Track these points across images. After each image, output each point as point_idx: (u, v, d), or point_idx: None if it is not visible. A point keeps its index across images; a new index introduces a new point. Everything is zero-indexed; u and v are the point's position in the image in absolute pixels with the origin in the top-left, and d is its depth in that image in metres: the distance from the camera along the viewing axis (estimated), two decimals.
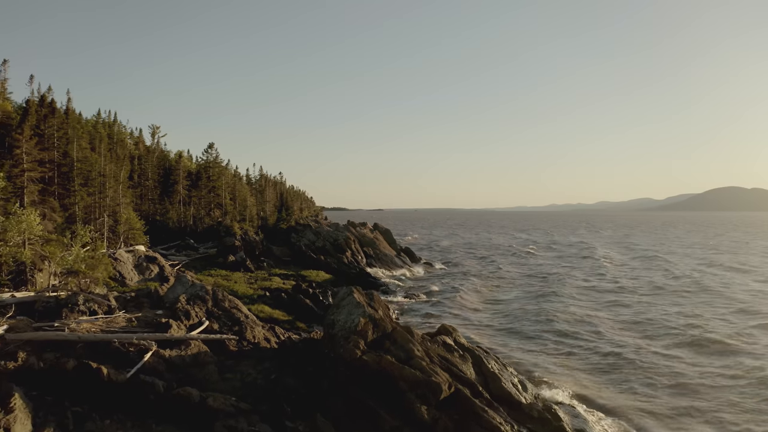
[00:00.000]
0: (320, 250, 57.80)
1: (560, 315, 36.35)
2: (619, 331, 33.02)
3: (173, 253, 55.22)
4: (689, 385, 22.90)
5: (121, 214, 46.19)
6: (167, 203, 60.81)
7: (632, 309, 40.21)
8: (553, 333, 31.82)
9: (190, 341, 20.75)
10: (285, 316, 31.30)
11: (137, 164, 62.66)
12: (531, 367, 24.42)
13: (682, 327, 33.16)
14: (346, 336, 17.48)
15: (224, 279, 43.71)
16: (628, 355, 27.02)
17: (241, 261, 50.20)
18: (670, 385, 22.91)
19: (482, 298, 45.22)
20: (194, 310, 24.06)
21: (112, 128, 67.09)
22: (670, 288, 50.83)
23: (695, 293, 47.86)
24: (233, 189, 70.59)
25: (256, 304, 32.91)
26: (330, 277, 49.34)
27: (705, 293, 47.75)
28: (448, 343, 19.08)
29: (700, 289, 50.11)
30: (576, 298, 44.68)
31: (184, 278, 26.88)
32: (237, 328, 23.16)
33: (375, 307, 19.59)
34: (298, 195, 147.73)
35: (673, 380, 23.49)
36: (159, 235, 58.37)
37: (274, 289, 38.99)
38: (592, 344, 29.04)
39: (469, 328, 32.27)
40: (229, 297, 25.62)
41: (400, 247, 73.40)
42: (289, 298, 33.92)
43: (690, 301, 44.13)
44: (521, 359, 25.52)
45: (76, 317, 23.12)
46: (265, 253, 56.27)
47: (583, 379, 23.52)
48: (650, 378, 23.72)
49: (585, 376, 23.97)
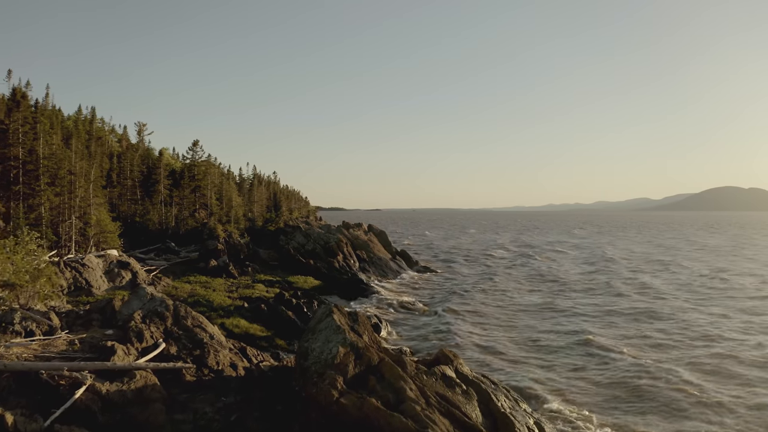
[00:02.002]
0: (310, 254, 54.21)
1: (574, 329, 32.80)
2: (642, 347, 29.55)
3: (152, 257, 51.60)
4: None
5: (91, 215, 42.51)
6: (148, 204, 57.16)
7: (668, 321, 36.69)
8: (571, 350, 28.32)
9: (136, 371, 17.17)
10: (263, 331, 27.76)
11: (116, 162, 58.99)
12: (547, 394, 20.92)
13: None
14: (321, 371, 13.92)
15: (203, 286, 40.13)
16: (658, 376, 23.52)
17: (223, 266, 46.62)
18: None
19: (485, 308, 41.63)
20: (150, 330, 20.48)
21: (91, 124, 63.39)
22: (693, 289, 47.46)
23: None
24: (220, 189, 66.95)
25: (232, 317, 29.36)
26: (319, 283, 45.79)
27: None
28: (448, 375, 15.51)
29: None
30: (590, 312, 41.18)
31: (142, 290, 23.29)
32: (198, 353, 19.58)
33: (359, 330, 16.05)
34: (292, 195, 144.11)
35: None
36: (138, 238, 54.79)
37: (254, 299, 35.40)
38: (615, 365, 25.52)
39: (474, 350, 28.53)
40: (194, 314, 22.02)
41: (396, 250, 69.81)
42: (269, 310, 30.36)
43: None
44: (535, 387, 21.96)
45: (8, 339, 19.55)
46: (251, 256, 52.70)
47: (608, 410, 20.03)
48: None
49: (609, 406, 20.48)
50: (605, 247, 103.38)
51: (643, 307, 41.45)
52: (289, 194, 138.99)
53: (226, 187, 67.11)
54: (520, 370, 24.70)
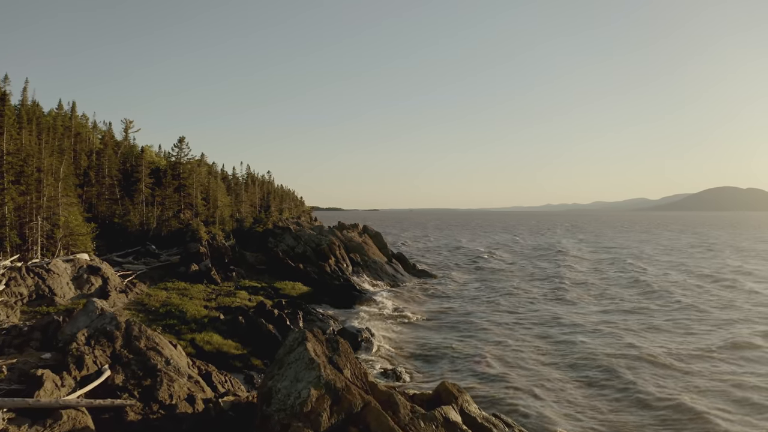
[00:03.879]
0: (300, 257, 50.81)
1: (596, 351, 29.21)
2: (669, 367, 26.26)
3: (130, 261, 48.13)
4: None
5: (59, 216, 39.08)
6: (128, 204, 53.71)
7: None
8: (588, 373, 25.03)
9: (63, 411, 13.83)
10: (239, 348, 24.42)
11: (95, 159, 55.52)
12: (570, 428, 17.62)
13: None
14: (286, 422, 10.60)
15: (180, 294, 36.75)
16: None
17: (205, 271, 43.21)
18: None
19: (489, 319, 38.23)
20: (93, 354, 17.14)
21: (70, 120, 59.88)
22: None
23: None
24: (207, 188, 63.48)
25: (205, 331, 26.01)
26: (308, 289, 42.43)
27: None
28: (452, 421, 12.17)
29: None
30: (614, 326, 37.86)
31: (91, 305, 19.91)
32: (149, 382, 16.24)
33: (339, 363, 12.74)
34: (287, 195, 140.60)
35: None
36: (116, 240, 51.32)
37: (234, 309, 32.04)
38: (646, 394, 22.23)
39: (480, 378, 24.86)
40: (149, 333, 18.64)
41: (392, 252, 66.36)
42: (247, 323, 26.99)
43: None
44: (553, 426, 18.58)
45: None
46: (237, 260, 49.28)
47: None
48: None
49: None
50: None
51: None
52: (283, 194, 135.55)
53: (213, 186, 63.62)
54: (537, 403, 21.28)
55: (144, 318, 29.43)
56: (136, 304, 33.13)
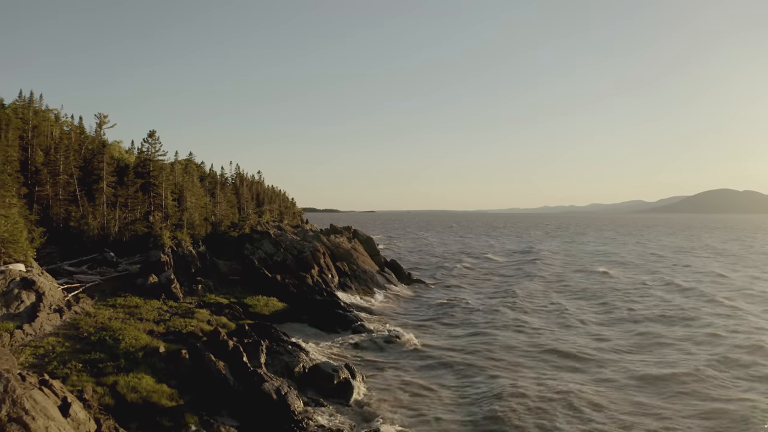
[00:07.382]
0: (279, 266, 44.93)
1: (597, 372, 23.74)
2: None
3: (84, 270, 42.10)
4: None
5: None
6: (87, 205, 47.73)
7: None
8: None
9: None
10: (174, 397, 18.56)
11: (53, 154, 49.49)
12: None
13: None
14: None
15: (128, 312, 30.94)
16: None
17: (165, 283, 37.38)
18: None
19: (494, 345, 32.39)
20: None
21: (25, 112, 53.84)
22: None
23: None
24: (182, 188, 57.48)
25: (135, 370, 20.15)
26: (284, 306, 36.58)
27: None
28: None
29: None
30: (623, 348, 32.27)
31: None
32: None
33: None
34: (277, 195, 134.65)
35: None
36: (71, 246, 45.32)
37: (185, 335, 26.19)
38: None
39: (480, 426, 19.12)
40: (18, 395, 12.80)
41: (385, 260, 60.50)
42: (192, 359, 21.12)
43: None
44: None
45: None
46: (207, 270, 43.40)
47: None
48: None
49: None
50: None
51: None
52: (273, 195, 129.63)
53: (188, 185, 57.65)
54: None
55: (68, 348, 23.58)
56: (68, 328, 27.24)
